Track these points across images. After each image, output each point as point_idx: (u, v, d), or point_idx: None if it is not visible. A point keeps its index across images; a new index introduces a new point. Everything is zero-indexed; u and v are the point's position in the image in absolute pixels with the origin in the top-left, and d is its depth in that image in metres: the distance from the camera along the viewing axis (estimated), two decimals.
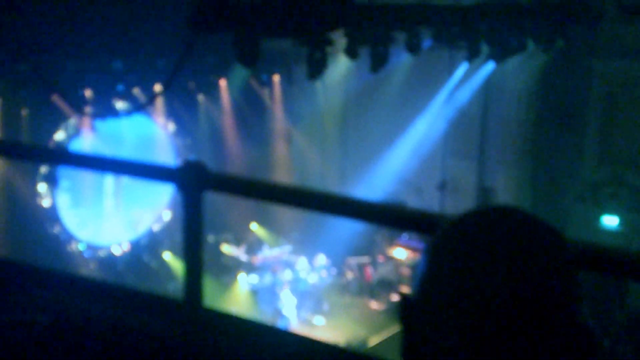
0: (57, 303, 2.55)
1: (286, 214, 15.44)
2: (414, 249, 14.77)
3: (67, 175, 13.68)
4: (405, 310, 1.01)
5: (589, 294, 12.14)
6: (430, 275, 0.98)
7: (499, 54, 12.15)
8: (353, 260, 15.39)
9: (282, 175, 16.83)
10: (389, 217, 1.76)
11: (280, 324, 13.26)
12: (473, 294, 0.91)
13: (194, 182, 1.75)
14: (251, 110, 16.22)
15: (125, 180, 14.07)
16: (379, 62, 10.09)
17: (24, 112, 12.26)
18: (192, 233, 1.83)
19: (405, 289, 14.32)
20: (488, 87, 14.77)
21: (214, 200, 1.89)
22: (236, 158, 15.90)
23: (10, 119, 11.99)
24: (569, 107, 14.30)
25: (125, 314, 2.47)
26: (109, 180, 14.59)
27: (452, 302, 0.93)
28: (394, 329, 12.84)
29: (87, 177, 14.02)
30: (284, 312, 13.46)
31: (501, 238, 0.95)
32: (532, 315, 0.91)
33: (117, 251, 14.76)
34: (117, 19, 11.43)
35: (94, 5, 11.11)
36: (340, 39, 10.10)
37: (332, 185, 17.07)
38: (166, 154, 15.63)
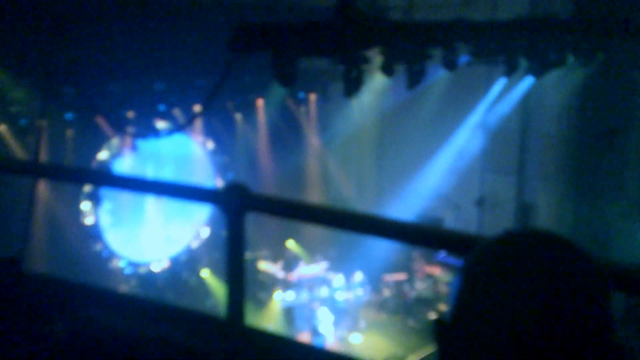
0: (95, 319, 2.62)
1: (323, 230, 15.47)
2: (451, 267, 14.58)
3: (109, 193, 14.03)
4: (440, 332, 1.03)
5: None
6: (465, 297, 1.00)
7: (538, 69, 11.98)
8: (390, 278, 15.28)
9: (318, 191, 16.89)
10: (425, 238, 1.78)
11: (316, 341, 13.21)
12: (507, 317, 0.93)
13: (237, 204, 1.80)
14: (288, 129, 16.39)
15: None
16: (415, 79, 10.09)
17: (69, 133, 12.66)
18: (235, 253, 1.88)
19: (444, 307, 14.12)
20: (527, 102, 14.58)
21: (251, 218, 1.94)
22: (273, 175, 16.05)
23: (56, 139, 12.39)
24: (612, 121, 13.99)
25: (168, 331, 2.53)
26: (149, 197, 14.89)
27: (486, 324, 0.94)
28: (432, 347, 12.67)
29: (128, 195, 14.35)
30: (321, 329, 13.42)
31: (535, 262, 0.96)
32: (567, 338, 0.92)
33: (156, 268, 15.01)
34: (158, 41, 11.76)
35: (136, 29, 11.46)
36: (376, 57, 10.15)
37: (369, 201, 17.04)
38: (206, 172, 15.90)
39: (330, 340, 13.48)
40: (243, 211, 1.81)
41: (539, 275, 0.95)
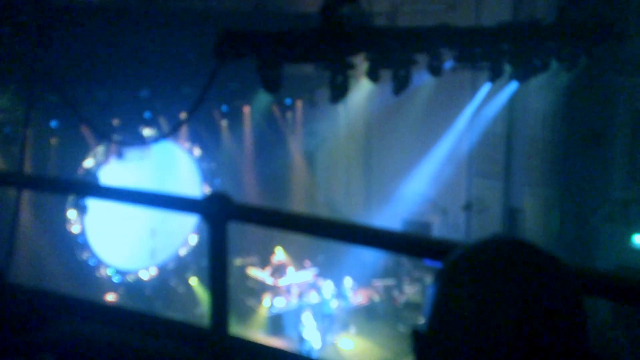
0: (79, 331, 2.60)
1: (311, 237, 15.42)
2: None
3: (96, 201, 13.90)
4: (417, 343, 1.03)
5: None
6: (440, 307, 0.99)
7: (522, 74, 12.09)
8: (379, 283, 15.29)
9: (306, 197, 16.88)
10: (410, 247, 1.78)
11: (301, 347, 13.14)
12: (483, 328, 0.93)
13: (219, 213, 1.80)
14: (274, 135, 16.39)
15: None
16: (401, 84, 10.13)
17: (53, 141, 12.55)
18: (217, 262, 1.88)
19: None
20: (512, 106, 14.69)
21: (238, 224, 1.93)
22: (259, 182, 16.02)
23: (40, 147, 12.28)
24: (596, 125, 14.13)
25: (150, 341, 2.51)
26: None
27: (462, 335, 0.94)
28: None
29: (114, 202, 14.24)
30: (305, 335, 13.34)
31: (509, 272, 0.97)
32: (543, 347, 0.92)
33: (145, 276, 14.90)
34: (143, 48, 11.71)
35: (121, 36, 11.41)
36: (362, 63, 10.18)
37: (357, 206, 17.06)
38: (193, 179, 15.84)
39: (318, 345, 13.43)
40: (225, 220, 1.81)
41: (513, 285, 0.95)
